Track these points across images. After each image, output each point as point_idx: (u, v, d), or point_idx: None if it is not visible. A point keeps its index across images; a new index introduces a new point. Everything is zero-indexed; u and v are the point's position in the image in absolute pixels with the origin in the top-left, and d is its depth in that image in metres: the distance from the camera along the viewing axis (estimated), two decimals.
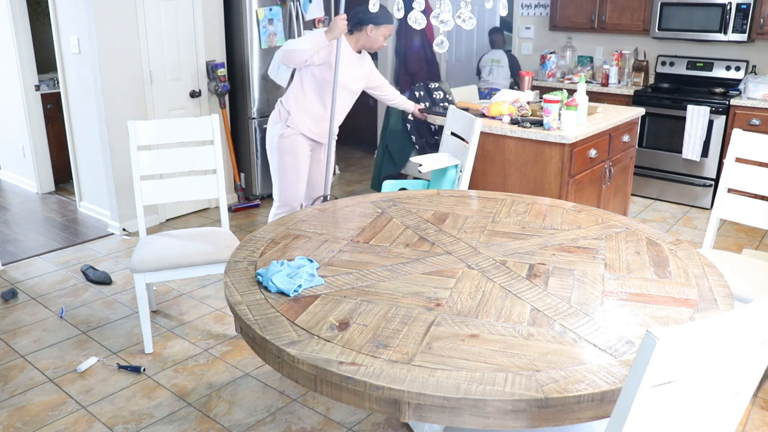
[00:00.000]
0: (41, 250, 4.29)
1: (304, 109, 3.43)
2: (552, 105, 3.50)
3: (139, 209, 3.12)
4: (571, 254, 2.07)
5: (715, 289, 1.82)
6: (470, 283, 1.84)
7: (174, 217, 4.91)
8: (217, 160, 3.17)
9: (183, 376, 2.86)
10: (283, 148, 3.46)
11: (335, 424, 2.54)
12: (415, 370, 1.41)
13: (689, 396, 1.23)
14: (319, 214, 2.43)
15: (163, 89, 4.66)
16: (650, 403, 1.15)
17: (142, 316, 2.97)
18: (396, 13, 2.48)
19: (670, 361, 1.10)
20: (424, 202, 2.60)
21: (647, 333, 1.07)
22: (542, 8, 6.24)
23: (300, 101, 3.43)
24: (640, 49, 5.70)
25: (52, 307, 3.51)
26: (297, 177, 3.51)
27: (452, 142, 3.44)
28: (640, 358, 1.08)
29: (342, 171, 6.32)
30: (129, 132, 3.04)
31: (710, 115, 4.94)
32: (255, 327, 1.59)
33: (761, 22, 4.89)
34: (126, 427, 2.52)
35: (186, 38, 4.73)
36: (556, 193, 3.50)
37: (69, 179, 5.37)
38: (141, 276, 2.89)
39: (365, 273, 1.90)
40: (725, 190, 2.90)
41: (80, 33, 4.37)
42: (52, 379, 2.84)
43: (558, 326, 1.61)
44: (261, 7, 4.89)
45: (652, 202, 5.36)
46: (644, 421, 1.17)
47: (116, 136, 4.41)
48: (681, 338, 1.09)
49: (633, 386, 1.11)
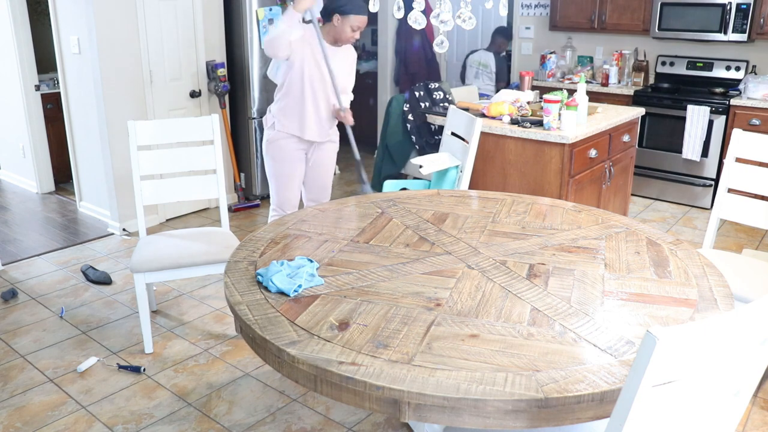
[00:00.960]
0: (41, 250, 4.29)
1: (290, 109, 3.27)
2: (552, 105, 3.50)
3: (139, 209, 3.12)
4: (571, 254, 2.07)
5: (715, 289, 1.82)
6: (470, 283, 1.84)
7: (174, 217, 4.91)
8: (217, 160, 3.17)
9: (183, 376, 2.86)
10: (270, 153, 3.36)
11: (335, 424, 2.54)
12: (415, 370, 1.41)
13: (689, 396, 1.23)
14: (319, 214, 2.43)
15: (163, 89, 4.66)
16: (650, 403, 1.15)
17: (142, 316, 2.97)
18: (396, 13, 2.48)
19: (670, 361, 1.10)
20: (424, 202, 2.60)
21: (647, 333, 1.07)
22: (542, 8, 6.24)
23: (284, 102, 3.28)
24: (640, 49, 5.70)
25: (52, 307, 3.51)
26: (287, 182, 3.37)
27: (452, 143, 3.44)
28: (640, 358, 1.09)
29: (342, 171, 6.32)
30: (129, 132, 3.04)
31: (710, 115, 4.94)
32: (255, 327, 1.58)
33: (761, 22, 4.89)
34: (126, 427, 2.52)
35: (186, 38, 4.73)
36: (556, 193, 3.50)
37: (69, 179, 5.37)
38: (141, 276, 2.89)
39: (365, 273, 1.90)
40: (725, 190, 2.89)
41: (80, 33, 4.37)
42: (52, 379, 2.84)
43: (558, 326, 1.61)
44: (261, 7, 4.89)
45: (652, 202, 5.36)
46: (644, 421, 1.17)
47: (116, 136, 4.41)
48: (681, 338, 1.09)
49: (633, 386, 1.11)
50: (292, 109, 3.28)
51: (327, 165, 3.52)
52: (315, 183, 3.53)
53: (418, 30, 3.67)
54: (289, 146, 3.33)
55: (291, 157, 3.35)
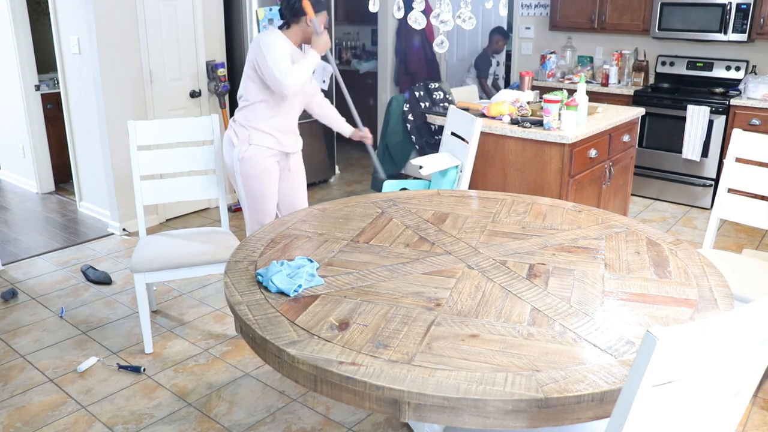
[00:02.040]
0: (41, 250, 4.29)
1: (265, 122, 3.02)
2: (552, 105, 3.50)
3: (139, 209, 3.12)
4: (571, 254, 2.07)
5: (715, 289, 1.82)
6: (470, 283, 1.84)
7: (174, 217, 4.91)
8: (217, 160, 3.17)
9: (183, 376, 2.86)
10: (247, 171, 3.03)
11: (335, 424, 2.54)
12: (415, 370, 1.41)
13: (689, 396, 1.23)
14: (319, 214, 2.43)
15: (163, 89, 4.66)
16: (650, 403, 1.15)
17: (142, 317, 2.97)
18: (396, 13, 2.48)
19: (670, 361, 1.10)
20: (424, 202, 2.60)
21: (647, 333, 1.07)
22: (542, 8, 6.24)
23: (259, 115, 3.01)
24: (640, 49, 5.70)
25: (52, 307, 3.51)
26: (268, 200, 3.12)
27: (452, 143, 3.44)
28: (640, 358, 1.09)
29: (342, 171, 6.33)
30: (129, 132, 3.04)
31: (710, 115, 4.94)
32: (255, 327, 1.58)
33: (761, 22, 4.89)
34: (126, 427, 2.52)
35: (186, 38, 4.73)
36: (556, 193, 3.50)
37: (69, 179, 5.37)
38: (141, 276, 2.89)
39: (365, 273, 1.90)
40: (725, 190, 2.89)
41: (80, 33, 4.37)
42: (52, 379, 2.84)
43: (558, 326, 1.61)
44: (261, 7, 4.89)
45: (652, 202, 5.36)
46: (644, 421, 1.17)
47: (116, 136, 4.41)
48: (681, 338, 1.09)
49: (633, 386, 1.11)
50: (269, 121, 3.04)
51: (302, 173, 3.31)
52: (292, 194, 3.28)
53: (418, 30, 3.66)
54: (268, 161, 3.07)
55: (269, 171, 3.09)
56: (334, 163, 5.96)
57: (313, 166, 5.70)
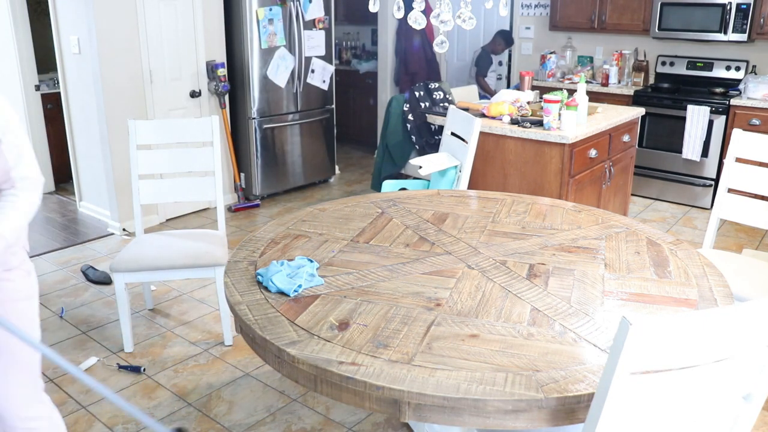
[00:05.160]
0: (41, 250, 4.28)
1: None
2: (552, 105, 3.50)
3: (136, 208, 3.12)
4: (571, 254, 2.07)
5: (715, 289, 1.82)
6: (470, 283, 1.84)
7: (174, 217, 4.91)
8: (216, 162, 3.16)
9: (183, 376, 2.86)
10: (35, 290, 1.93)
11: (335, 424, 2.54)
12: (415, 370, 1.41)
13: (680, 390, 1.23)
14: (319, 214, 2.43)
15: (163, 89, 4.66)
16: (631, 390, 1.17)
17: (122, 316, 2.95)
18: (396, 13, 2.48)
19: (647, 349, 1.12)
20: (424, 202, 2.60)
21: (622, 318, 1.10)
22: (542, 8, 6.24)
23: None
24: (640, 49, 5.70)
25: (52, 307, 3.51)
26: None
27: (452, 143, 3.44)
28: (616, 343, 1.12)
29: (342, 171, 6.32)
30: (129, 130, 3.04)
31: (710, 115, 4.94)
32: (255, 327, 1.58)
33: (761, 22, 4.89)
34: (126, 427, 2.52)
35: (186, 38, 4.73)
36: (556, 193, 3.50)
37: (69, 179, 5.36)
38: (120, 276, 2.87)
39: (365, 273, 1.90)
40: (725, 190, 2.89)
41: (80, 33, 4.37)
42: (52, 379, 2.84)
43: (558, 326, 1.61)
44: (261, 7, 4.89)
45: (652, 202, 5.36)
46: (628, 409, 1.19)
47: (116, 136, 4.41)
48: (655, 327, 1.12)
49: (610, 370, 1.14)
50: None
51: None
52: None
53: (418, 30, 3.66)
54: None
55: None
56: (334, 163, 5.96)
57: (313, 166, 5.70)
